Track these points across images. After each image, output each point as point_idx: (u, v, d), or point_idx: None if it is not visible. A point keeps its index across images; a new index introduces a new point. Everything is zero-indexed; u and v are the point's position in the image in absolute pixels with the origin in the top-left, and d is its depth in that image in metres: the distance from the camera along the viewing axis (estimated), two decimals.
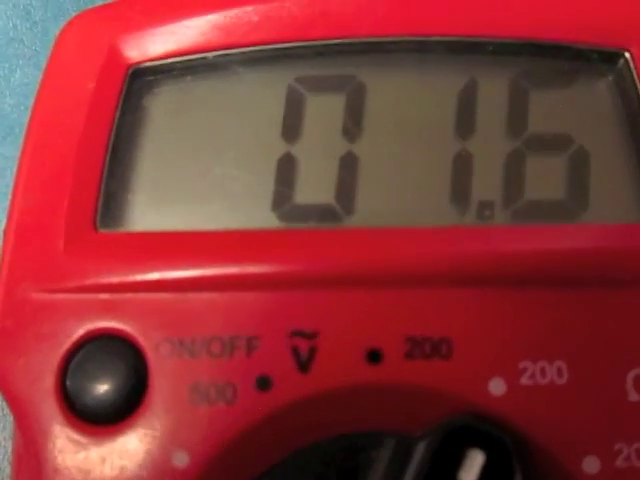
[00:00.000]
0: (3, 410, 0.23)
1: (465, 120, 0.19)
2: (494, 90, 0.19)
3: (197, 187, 0.19)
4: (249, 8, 0.19)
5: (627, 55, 0.19)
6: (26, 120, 0.26)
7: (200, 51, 0.19)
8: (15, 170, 0.19)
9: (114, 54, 0.19)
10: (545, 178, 0.18)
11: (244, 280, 0.17)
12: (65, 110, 0.19)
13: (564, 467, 0.16)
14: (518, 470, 0.15)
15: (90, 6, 0.26)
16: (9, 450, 0.23)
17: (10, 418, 0.23)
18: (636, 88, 0.19)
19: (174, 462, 0.16)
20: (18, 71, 0.26)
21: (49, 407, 0.17)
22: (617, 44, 0.19)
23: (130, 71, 0.19)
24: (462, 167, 0.18)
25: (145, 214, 0.19)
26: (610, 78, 0.19)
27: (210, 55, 0.19)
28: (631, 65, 0.19)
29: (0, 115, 0.26)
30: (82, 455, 0.17)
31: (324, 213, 0.18)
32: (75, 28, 0.20)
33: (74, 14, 0.26)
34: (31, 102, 0.26)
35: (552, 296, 0.16)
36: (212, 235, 0.18)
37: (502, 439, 0.15)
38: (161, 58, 0.19)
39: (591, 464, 0.16)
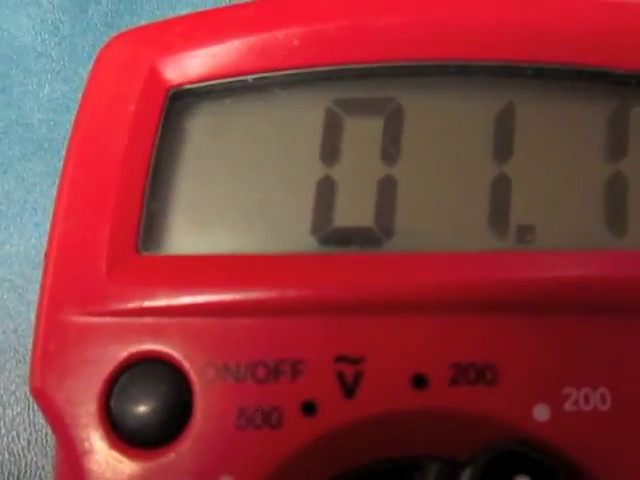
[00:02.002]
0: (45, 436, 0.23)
1: (503, 144, 0.19)
2: (532, 114, 0.19)
3: (237, 210, 0.19)
4: (288, 31, 0.19)
5: None
6: (54, 135, 0.26)
7: (239, 73, 0.19)
8: (56, 190, 0.19)
9: (154, 76, 0.19)
10: (583, 203, 0.18)
11: (288, 305, 0.17)
12: (106, 131, 0.19)
13: None
14: None
15: (118, 21, 0.27)
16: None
17: (51, 443, 0.23)
18: None
19: None
20: (47, 86, 0.26)
21: (93, 430, 0.17)
22: None
23: (170, 93, 0.19)
24: (500, 191, 0.18)
25: (186, 237, 0.19)
26: None
27: (249, 77, 0.19)
28: None
29: (29, 130, 0.26)
30: (126, 478, 0.17)
31: (364, 237, 0.18)
32: (115, 49, 0.20)
33: (101, 29, 0.27)
34: (59, 117, 0.27)
35: (595, 323, 0.16)
36: (254, 259, 0.18)
37: (549, 465, 0.15)
38: (201, 80, 0.19)
39: None
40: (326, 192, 0.19)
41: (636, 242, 0.18)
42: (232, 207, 0.19)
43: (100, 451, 0.17)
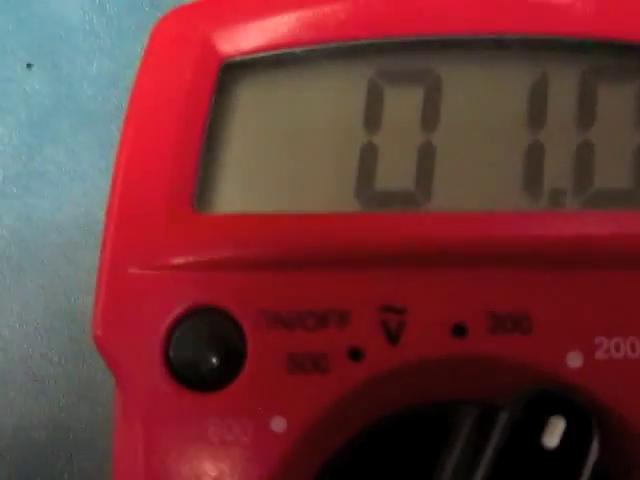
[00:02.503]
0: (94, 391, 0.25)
1: (537, 113, 0.20)
2: (565, 85, 0.20)
3: (285, 173, 0.20)
4: (336, 5, 0.20)
5: None
6: (102, 109, 0.27)
7: (288, 45, 0.20)
8: (116, 154, 0.20)
9: (208, 48, 0.20)
10: (614, 168, 0.19)
11: (336, 259, 0.18)
12: (162, 100, 0.20)
13: (638, 435, 0.17)
14: (596, 435, 0.16)
15: (163, 1, 0.28)
16: None
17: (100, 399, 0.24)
18: None
19: (272, 427, 0.18)
20: (94, 63, 0.28)
21: (154, 375, 0.18)
22: None
23: (223, 64, 0.20)
24: (534, 157, 0.20)
25: (238, 197, 0.20)
26: None
27: (298, 49, 0.20)
28: None
29: (78, 105, 0.27)
30: (185, 421, 0.18)
31: (405, 199, 0.19)
32: (170, 23, 0.21)
33: (147, 8, 0.28)
34: (107, 92, 0.28)
35: (625, 276, 0.17)
36: (301, 218, 0.19)
37: (582, 406, 0.16)
38: (251, 52, 0.20)
39: None
40: (369, 157, 0.20)
41: None
42: (280, 170, 0.20)
43: (161, 394, 0.18)
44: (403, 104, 0.20)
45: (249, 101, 0.21)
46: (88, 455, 0.25)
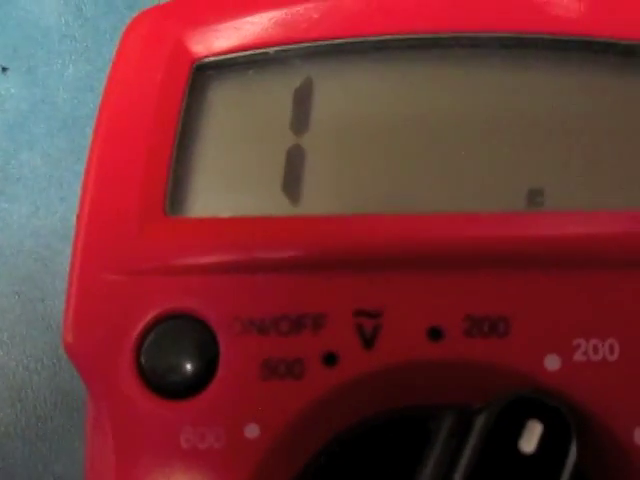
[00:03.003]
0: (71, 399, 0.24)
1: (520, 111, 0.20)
2: (544, 84, 0.20)
3: (258, 175, 0.20)
4: (309, 5, 0.20)
5: None
6: (78, 113, 0.27)
7: (261, 46, 0.20)
8: (87, 157, 0.20)
9: (180, 49, 0.20)
10: (593, 165, 0.19)
11: (310, 262, 0.18)
12: (134, 102, 0.20)
13: (616, 437, 0.17)
14: (574, 439, 0.16)
15: (139, 3, 0.28)
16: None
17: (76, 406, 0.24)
18: None
19: (246, 434, 0.17)
20: (71, 66, 0.27)
21: (125, 383, 0.18)
22: None
23: (195, 65, 0.20)
24: (516, 158, 0.19)
25: (210, 200, 0.20)
26: None
27: (270, 50, 0.20)
28: None
29: (54, 109, 0.27)
30: (157, 428, 0.18)
31: (385, 199, 0.19)
32: (142, 24, 0.20)
33: (123, 10, 0.27)
34: (83, 96, 0.27)
35: (603, 277, 0.17)
36: (274, 220, 0.19)
37: (560, 410, 0.16)
38: (224, 53, 0.20)
39: None
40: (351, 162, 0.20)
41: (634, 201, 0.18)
42: (253, 172, 0.20)
43: (132, 402, 0.18)
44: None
45: (221, 102, 0.20)
46: (65, 463, 0.24)
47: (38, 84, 0.27)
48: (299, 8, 0.20)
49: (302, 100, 0.20)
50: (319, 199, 0.20)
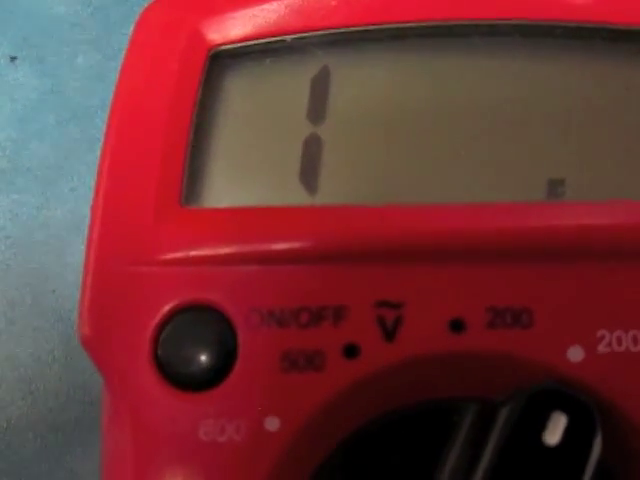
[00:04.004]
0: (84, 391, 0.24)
1: (538, 101, 0.19)
2: (564, 72, 0.20)
3: (275, 165, 0.20)
4: None
5: None
6: (88, 103, 0.27)
7: (278, 34, 0.20)
8: (101, 148, 0.20)
9: (195, 37, 0.20)
10: (617, 156, 0.19)
11: (330, 253, 0.18)
12: (149, 91, 0.20)
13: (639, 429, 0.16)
14: (599, 431, 0.16)
15: None
16: None
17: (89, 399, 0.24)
18: None
19: (266, 426, 0.17)
20: (80, 56, 0.27)
21: (143, 375, 0.18)
22: None
23: (211, 53, 0.20)
24: (535, 147, 0.19)
25: (227, 191, 0.19)
26: None
27: (287, 38, 0.20)
28: None
29: (65, 98, 0.27)
30: (175, 420, 0.18)
31: (404, 189, 0.19)
32: (155, 12, 0.20)
33: (133, 0, 0.27)
34: (93, 85, 0.27)
35: (626, 268, 0.17)
36: (293, 210, 0.19)
37: (584, 402, 0.16)
38: (240, 41, 0.20)
39: None
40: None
41: None
42: (270, 162, 0.20)
43: (149, 394, 0.18)
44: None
45: (238, 91, 0.20)
46: (78, 456, 0.24)
47: (48, 74, 0.27)
48: None
49: (319, 89, 0.20)
50: (337, 189, 0.19)
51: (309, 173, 0.19)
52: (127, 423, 0.18)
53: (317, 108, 0.20)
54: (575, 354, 0.17)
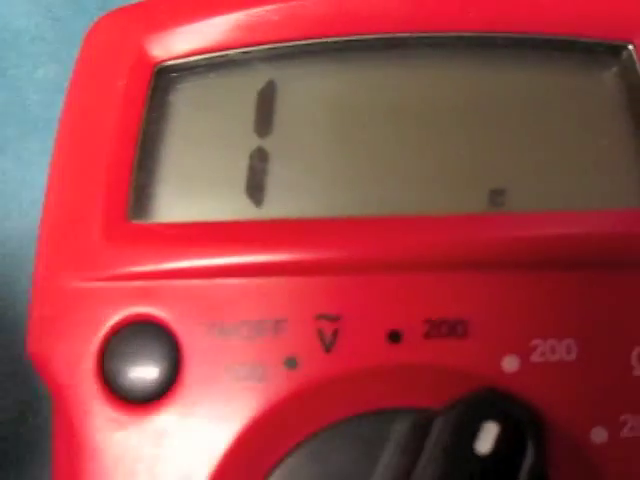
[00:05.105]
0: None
1: (479, 111, 0.20)
2: (504, 83, 0.20)
3: (221, 178, 0.20)
4: (270, 7, 0.20)
5: (630, 47, 0.20)
6: (50, 115, 0.27)
7: (223, 48, 0.20)
8: (49, 164, 0.20)
9: (141, 53, 0.20)
10: (553, 166, 0.19)
11: (271, 267, 0.18)
12: (96, 107, 0.20)
13: (574, 437, 0.17)
14: (531, 441, 0.16)
15: (110, 3, 0.27)
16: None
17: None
18: (639, 78, 0.20)
19: (209, 438, 0.17)
20: (41, 68, 0.27)
21: (89, 389, 0.18)
22: (620, 36, 0.20)
23: (156, 69, 0.20)
24: (475, 156, 0.19)
25: (172, 205, 0.20)
26: (615, 70, 0.20)
27: (232, 52, 0.20)
28: (634, 57, 0.20)
29: (25, 111, 0.27)
30: (121, 433, 0.18)
31: (346, 202, 0.19)
32: (103, 28, 0.20)
33: (94, 10, 0.27)
34: (54, 98, 0.27)
35: (561, 278, 0.17)
36: (235, 225, 0.19)
37: (515, 411, 0.16)
38: (185, 56, 0.20)
39: (599, 434, 0.17)
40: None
41: (599, 203, 0.18)
42: (216, 176, 0.20)
43: (95, 407, 0.18)
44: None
45: (184, 106, 0.20)
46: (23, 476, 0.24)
47: (8, 86, 0.27)
48: (260, 10, 0.20)
49: (265, 102, 0.20)
50: (283, 202, 0.20)
51: (255, 186, 0.20)
52: (75, 435, 0.18)
53: (263, 121, 0.20)
54: (510, 364, 0.17)
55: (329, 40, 0.20)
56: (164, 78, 0.20)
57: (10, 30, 0.28)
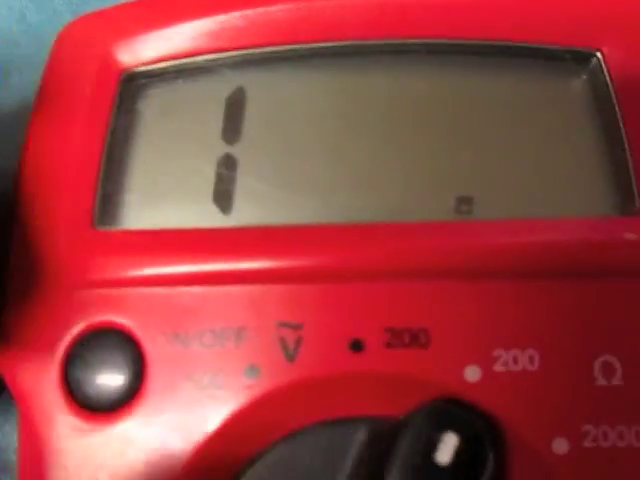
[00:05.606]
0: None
1: (446, 118, 0.20)
2: (471, 91, 0.20)
3: (187, 186, 0.20)
4: (236, 14, 0.20)
5: (599, 55, 0.20)
6: (23, 121, 0.27)
7: (191, 55, 0.20)
8: (16, 171, 0.20)
9: (108, 59, 0.20)
10: (521, 174, 0.19)
11: (235, 274, 0.18)
12: (63, 113, 0.20)
13: (535, 448, 0.17)
14: (491, 451, 0.16)
15: (83, 8, 0.27)
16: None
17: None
18: (607, 86, 0.20)
19: (172, 445, 0.17)
20: (15, 74, 0.27)
21: (52, 397, 0.18)
22: (589, 44, 0.20)
23: (123, 75, 0.20)
24: (440, 164, 0.19)
25: (138, 213, 0.19)
26: (584, 77, 0.20)
27: (199, 59, 0.20)
28: (603, 64, 0.20)
29: None
30: (84, 441, 0.18)
31: (312, 209, 0.19)
32: (71, 34, 0.20)
33: (67, 16, 0.27)
34: (28, 104, 0.27)
35: (524, 288, 0.17)
36: (200, 233, 0.19)
37: (475, 421, 0.16)
38: (153, 62, 0.20)
39: (560, 445, 0.17)
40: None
41: (566, 210, 0.18)
42: (184, 183, 0.20)
43: (59, 416, 0.18)
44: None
45: (150, 113, 0.20)
46: None
47: None
48: (227, 17, 0.20)
49: (234, 109, 0.20)
50: (250, 209, 0.20)
51: (223, 194, 0.20)
52: (37, 446, 0.18)
53: (232, 128, 0.20)
54: (472, 374, 0.17)
55: (297, 47, 0.20)
56: (132, 84, 0.20)
57: None
